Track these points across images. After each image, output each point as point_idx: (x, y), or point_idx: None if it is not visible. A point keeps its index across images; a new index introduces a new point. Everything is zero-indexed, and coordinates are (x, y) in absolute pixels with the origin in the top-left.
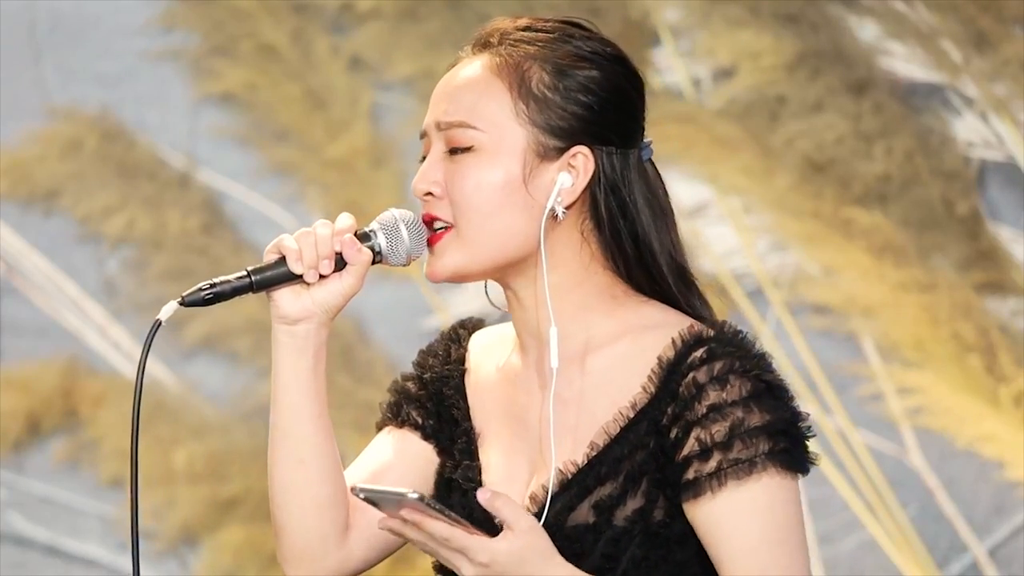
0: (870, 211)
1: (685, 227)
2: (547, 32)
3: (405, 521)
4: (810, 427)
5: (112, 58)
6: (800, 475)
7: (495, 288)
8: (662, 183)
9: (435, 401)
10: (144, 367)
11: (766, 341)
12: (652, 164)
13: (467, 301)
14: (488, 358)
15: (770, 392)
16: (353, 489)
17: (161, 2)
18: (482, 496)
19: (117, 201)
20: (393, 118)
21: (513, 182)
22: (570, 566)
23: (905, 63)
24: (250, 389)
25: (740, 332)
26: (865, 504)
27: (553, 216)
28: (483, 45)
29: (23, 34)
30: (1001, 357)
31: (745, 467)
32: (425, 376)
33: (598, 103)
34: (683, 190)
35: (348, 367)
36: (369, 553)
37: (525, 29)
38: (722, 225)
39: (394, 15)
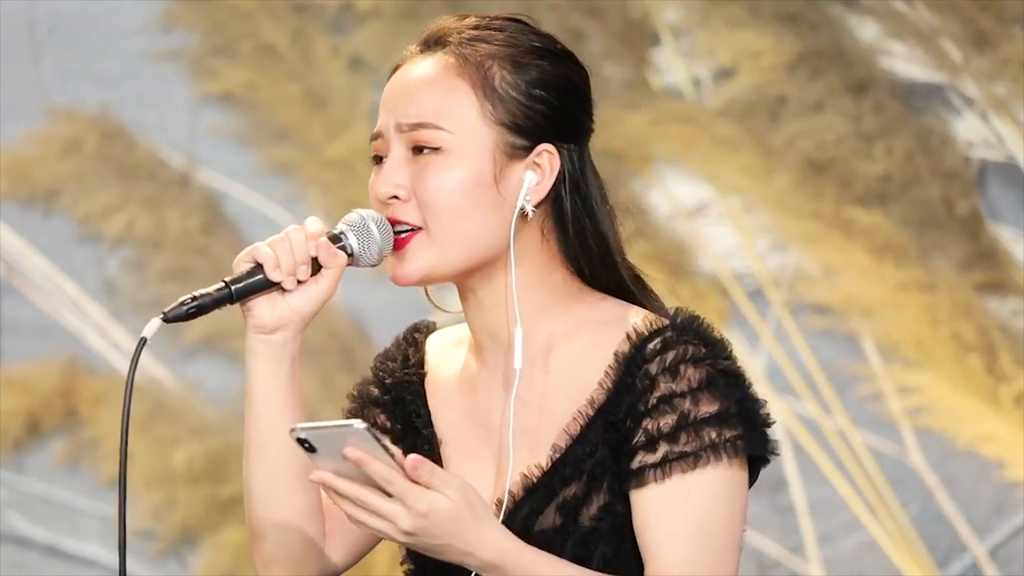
0: (870, 211)
1: (685, 227)
2: (499, 30)
3: (338, 471)
4: (768, 413)
5: (112, 58)
6: (760, 462)
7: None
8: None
9: (399, 406)
10: (132, 385)
11: (766, 341)
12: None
13: None
14: (446, 361)
15: (723, 379)
16: (292, 431)
17: (161, 2)
18: (409, 462)
19: (117, 201)
20: None
21: (484, 182)
22: (504, 530)
23: (905, 63)
24: None
25: (696, 318)
26: (865, 504)
27: (523, 215)
28: (435, 45)
29: (23, 34)
30: (1001, 357)
31: (690, 460)
32: (387, 381)
33: (558, 100)
34: (683, 190)
35: (348, 367)
36: (348, 556)
37: (476, 28)
38: (722, 225)
39: (394, 15)
